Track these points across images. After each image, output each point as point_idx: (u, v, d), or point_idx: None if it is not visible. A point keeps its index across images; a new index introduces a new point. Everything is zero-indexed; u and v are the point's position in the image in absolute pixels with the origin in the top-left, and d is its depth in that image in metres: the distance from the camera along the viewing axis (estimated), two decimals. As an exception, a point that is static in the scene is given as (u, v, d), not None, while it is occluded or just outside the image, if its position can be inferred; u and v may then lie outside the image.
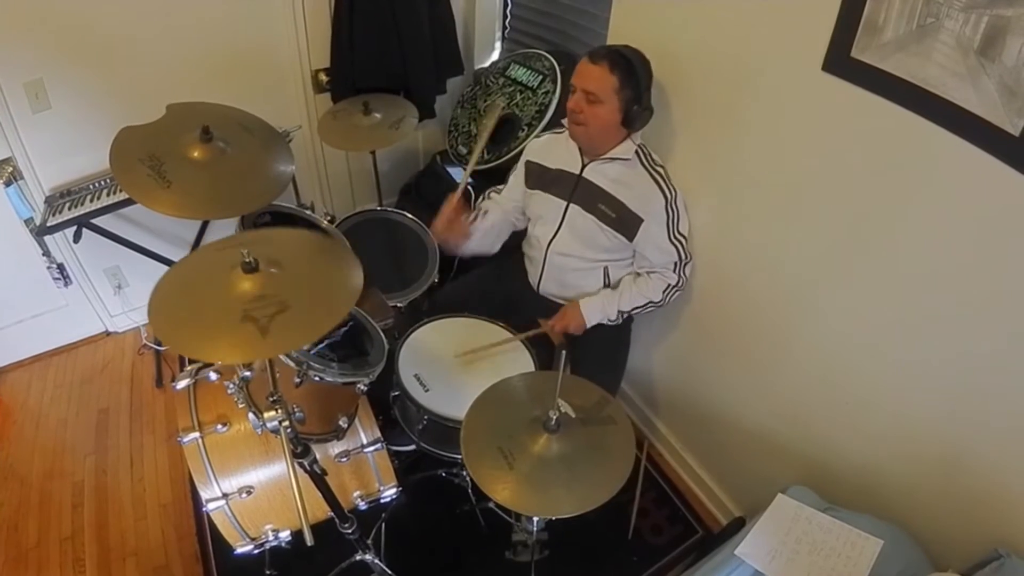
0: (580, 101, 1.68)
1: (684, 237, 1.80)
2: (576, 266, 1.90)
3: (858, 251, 1.44)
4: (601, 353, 1.94)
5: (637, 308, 1.86)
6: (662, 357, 2.24)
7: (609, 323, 1.89)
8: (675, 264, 1.83)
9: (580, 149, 1.82)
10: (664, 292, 1.84)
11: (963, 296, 1.26)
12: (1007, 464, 1.27)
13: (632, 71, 1.63)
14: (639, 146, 1.76)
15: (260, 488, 1.59)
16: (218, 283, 1.11)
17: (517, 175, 2.01)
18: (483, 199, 2.15)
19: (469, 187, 2.56)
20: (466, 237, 1.96)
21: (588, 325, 1.88)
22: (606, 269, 1.90)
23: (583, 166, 1.81)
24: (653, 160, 1.77)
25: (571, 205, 1.85)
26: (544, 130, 2.34)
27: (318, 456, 1.41)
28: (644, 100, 1.68)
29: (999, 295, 1.20)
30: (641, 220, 1.75)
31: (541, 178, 1.92)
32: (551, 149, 1.89)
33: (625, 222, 1.77)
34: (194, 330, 1.08)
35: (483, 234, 2.02)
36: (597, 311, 1.87)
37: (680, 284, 1.85)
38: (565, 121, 1.81)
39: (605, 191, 1.78)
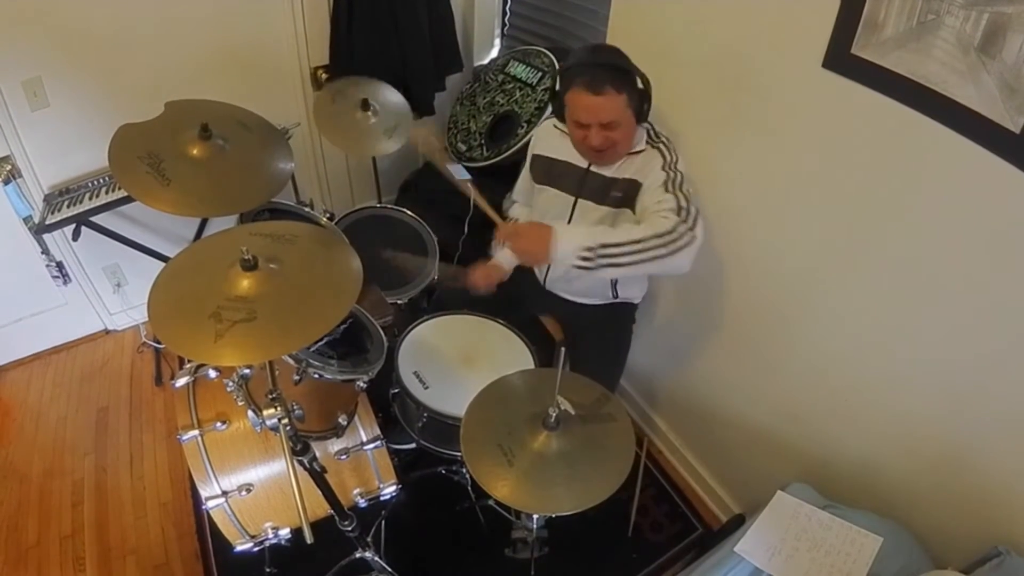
0: (601, 133, 1.56)
1: (687, 194, 1.53)
2: None
3: (857, 249, 1.44)
4: (601, 349, 1.94)
5: (628, 245, 1.42)
6: (662, 354, 2.24)
7: (583, 263, 1.42)
8: (678, 209, 1.49)
9: None
10: (668, 232, 1.43)
11: (963, 293, 1.26)
12: (1007, 462, 1.27)
13: (627, 74, 1.55)
14: (647, 127, 1.68)
15: (260, 486, 1.59)
16: (216, 274, 1.12)
17: (526, 171, 1.95)
18: (509, 206, 2.07)
19: (469, 185, 2.56)
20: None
21: (555, 255, 1.43)
22: None
23: (590, 161, 1.73)
24: (657, 133, 1.68)
25: (580, 200, 1.76)
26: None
27: (318, 454, 1.41)
28: (647, 93, 1.60)
29: (999, 292, 1.20)
30: (640, 184, 1.64)
31: (549, 172, 1.82)
32: (557, 140, 1.79)
33: (629, 195, 1.67)
34: (170, 313, 1.10)
35: None
36: (572, 239, 1.43)
37: (688, 234, 1.44)
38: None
39: (613, 178, 1.69)
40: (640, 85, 1.58)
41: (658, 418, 2.39)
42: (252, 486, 1.58)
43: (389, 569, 1.77)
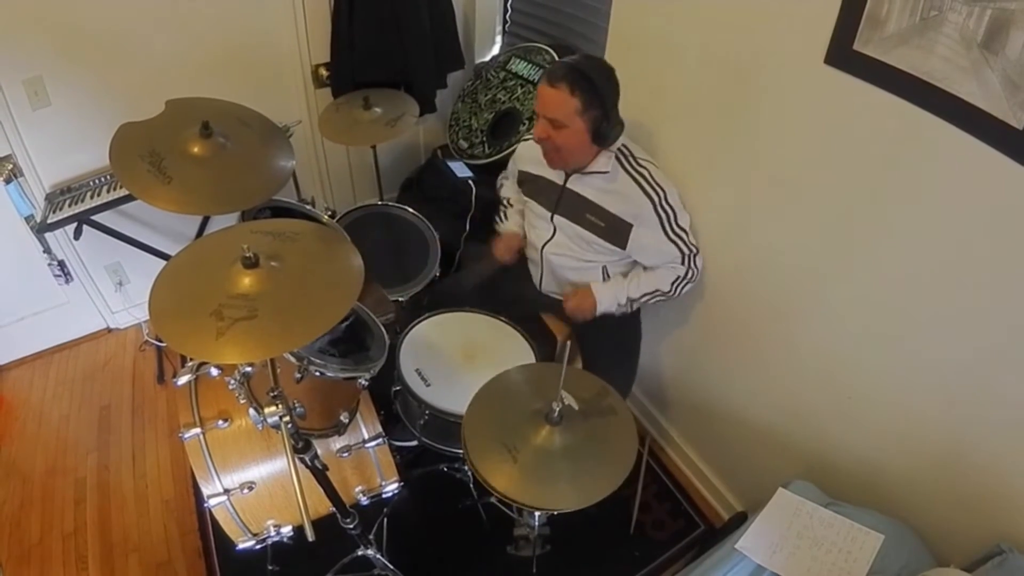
0: (546, 128, 1.61)
1: (684, 231, 1.75)
2: (573, 266, 1.89)
3: (860, 246, 1.44)
4: (610, 349, 1.94)
5: (646, 295, 1.81)
6: (664, 351, 2.24)
7: (619, 309, 1.85)
8: (681, 257, 1.78)
9: None
10: (673, 283, 1.80)
11: (965, 290, 1.26)
12: (1009, 459, 1.27)
13: (594, 89, 1.56)
14: (619, 149, 1.71)
15: (262, 484, 1.60)
16: (217, 272, 1.12)
17: (511, 180, 2.00)
18: (503, 208, 2.14)
19: (471, 182, 2.56)
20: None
21: (599, 311, 1.84)
22: (605, 268, 1.89)
23: (567, 176, 1.78)
24: (635, 161, 1.71)
25: (556, 216, 1.83)
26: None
27: (319, 451, 1.41)
28: (612, 116, 1.62)
29: (1001, 289, 1.19)
30: (631, 226, 1.72)
31: (532, 186, 1.90)
32: (538, 155, 1.82)
33: (615, 230, 1.74)
34: (172, 311, 1.10)
35: (518, 233, 2.05)
36: (609, 296, 1.83)
37: (690, 276, 1.80)
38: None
39: (590, 201, 1.74)
40: (603, 104, 1.57)
41: (660, 415, 2.39)
42: (254, 484, 1.59)
43: (391, 566, 1.77)
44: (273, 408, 1.21)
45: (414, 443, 1.93)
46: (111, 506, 2.20)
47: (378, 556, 1.74)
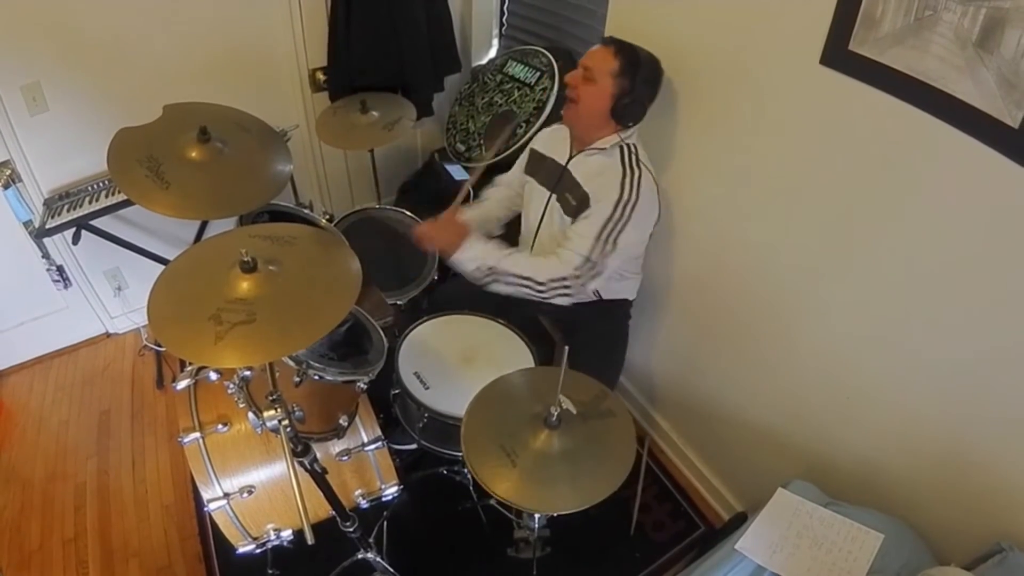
0: (577, 76, 1.69)
1: (614, 246, 1.67)
2: None
3: (858, 245, 1.44)
4: (595, 347, 1.93)
5: (513, 276, 1.71)
6: (663, 352, 2.24)
7: (475, 272, 1.74)
8: (583, 260, 1.67)
9: (571, 138, 1.80)
10: (551, 279, 1.69)
11: (963, 289, 1.26)
12: (1009, 458, 1.27)
13: (636, 62, 1.63)
14: (628, 144, 1.72)
15: (261, 487, 1.60)
16: (215, 276, 1.13)
17: (520, 161, 2.01)
18: (488, 187, 2.13)
19: (469, 188, 2.56)
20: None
21: (456, 257, 1.75)
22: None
23: (570, 158, 1.80)
24: (636, 160, 1.70)
25: (553, 196, 1.83)
26: (543, 127, 2.33)
27: (319, 455, 1.41)
28: (637, 94, 1.65)
29: (999, 288, 1.19)
30: (588, 207, 1.70)
31: (536, 165, 1.92)
32: (551, 138, 1.90)
33: (577, 208, 1.73)
34: (170, 315, 1.10)
35: (481, 220, 1.99)
36: (475, 250, 1.74)
37: (571, 284, 1.70)
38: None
39: (577, 183, 1.74)
40: (634, 77, 1.64)
41: (659, 416, 2.39)
42: (254, 488, 1.59)
43: (391, 570, 1.77)
44: (272, 412, 1.21)
45: (413, 446, 1.93)
46: (111, 511, 2.20)
47: (378, 559, 1.75)
